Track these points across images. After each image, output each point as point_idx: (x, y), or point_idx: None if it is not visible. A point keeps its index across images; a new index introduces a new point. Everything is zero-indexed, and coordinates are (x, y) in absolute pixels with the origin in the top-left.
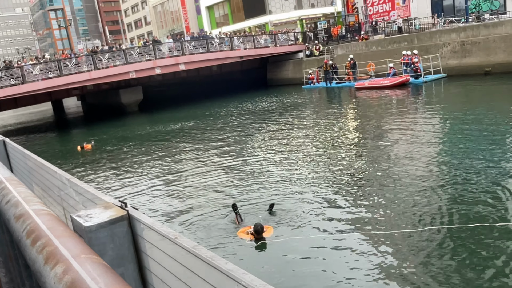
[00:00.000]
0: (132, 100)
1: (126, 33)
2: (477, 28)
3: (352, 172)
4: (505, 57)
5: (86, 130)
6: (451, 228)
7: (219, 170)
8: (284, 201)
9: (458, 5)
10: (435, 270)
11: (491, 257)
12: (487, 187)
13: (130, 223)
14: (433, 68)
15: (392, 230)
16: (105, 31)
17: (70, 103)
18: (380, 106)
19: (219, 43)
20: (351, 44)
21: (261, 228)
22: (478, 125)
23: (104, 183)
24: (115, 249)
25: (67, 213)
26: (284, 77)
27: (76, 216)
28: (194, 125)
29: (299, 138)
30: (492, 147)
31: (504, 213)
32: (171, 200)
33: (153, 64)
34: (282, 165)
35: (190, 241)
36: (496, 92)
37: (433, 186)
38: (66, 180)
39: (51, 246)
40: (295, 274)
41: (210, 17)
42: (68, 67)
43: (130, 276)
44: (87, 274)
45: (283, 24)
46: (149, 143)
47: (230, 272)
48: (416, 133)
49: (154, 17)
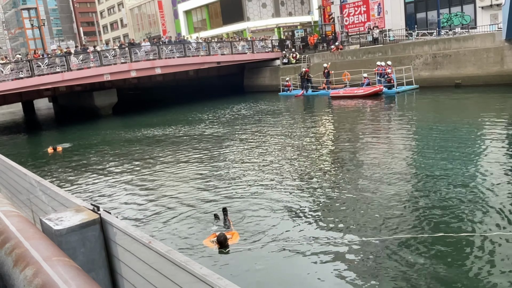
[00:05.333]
0: (106, 103)
1: (102, 35)
2: (449, 41)
3: (323, 180)
4: (475, 70)
5: (57, 133)
6: (416, 237)
7: (193, 175)
8: (253, 206)
9: (430, 18)
10: (400, 278)
11: (455, 265)
12: (455, 197)
13: (102, 227)
14: (406, 79)
15: (360, 237)
16: (80, 32)
17: (41, 105)
18: (354, 115)
19: (196, 48)
20: (327, 53)
21: (224, 239)
22: (448, 135)
23: (76, 186)
24: (86, 254)
25: (36, 217)
26: (261, 83)
27: (46, 219)
28: (169, 130)
29: (273, 145)
30: (461, 157)
31: (469, 224)
32: (144, 205)
33: (128, 67)
34: (255, 171)
35: (164, 246)
36: (466, 104)
37: (401, 195)
38: (35, 183)
39: (21, 248)
40: (260, 281)
41: (188, 22)
42: (40, 67)
43: (101, 282)
44: (58, 277)
45: (261, 31)
46: (123, 147)
47: (204, 277)
48: (387, 142)
49: (130, 19)
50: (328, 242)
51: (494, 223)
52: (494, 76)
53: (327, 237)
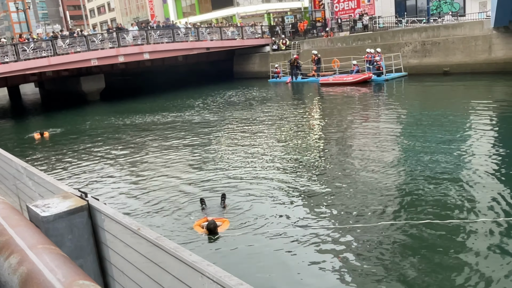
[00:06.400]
0: (94, 88)
1: (88, 19)
2: (438, 29)
3: (312, 167)
4: (463, 58)
5: (44, 118)
6: (403, 223)
7: (182, 162)
8: (243, 193)
9: (420, 5)
10: (389, 263)
11: (442, 251)
12: (441, 184)
13: (91, 213)
14: (395, 67)
15: (349, 224)
16: (66, 16)
17: (27, 89)
18: (343, 102)
19: (185, 33)
20: (317, 40)
21: (213, 226)
22: (435, 122)
23: (64, 172)
24: (74, 240)
25: (22, 203)
26: (250, 70)
27: (32, 206)
28: (158, 116)
29: (261, 132)
30: (448, 144)
31: (456, 210)
32: (133, 191)
33: (116, 52)
34: (244, 158)
35: (153, 232)
36: (453, 91)
37: (388, 183)
38: (22, 169)
39: (5, 235)
40: (250, 267)
41: (177, 7)
42: (26, 52)
43: (89, 268)
44: (44, 265)
45: (251, 17)
46: (111, 133)
47: (194, 264)
48: (375, 129)
49: (118, 3)
50: (317, 228)
51: (479, 209)
52: (482, 64)
53: (316, 224)
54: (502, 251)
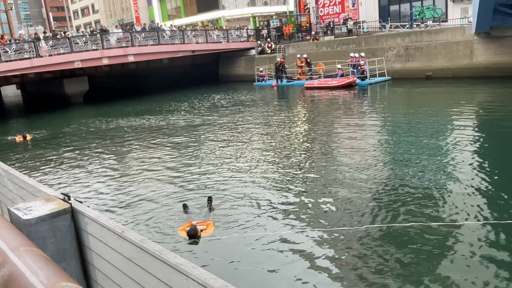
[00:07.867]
0: (77, 90)
1: (72, 21)
2: (420, 34)
3: (296, 171)
4: (445, 63)
5: (26, 121)
6: (386, 226)
7: (167, 165)
8: (229, 196)
9: (403, 10)
10: (373, 267)
11: (425, 254)
12: (424, 187)
13: (74, 216)
14: (379, 71)
15: (332, 227)
16: (49, 17)
17: (8, 92)
18: (328, 106)
19: (170, 36)
20: (302, 44)
21: (193, 233)
22: (418, 126)
23: (46, 175)
24: (57, 244)
25: (4, 207)
26: (236, 73)
27: (14, 209)
28: (142, 120)
29: (247, 135)
30: (430, 147)
31: (438, 213)
32: (117, 194)
33: (100, 54)
34: (229, 162)
35: (137, 235)
36: (436, 95)
37: (372, 185)
38: (3, 171)
39: None
40: (235, 270)
41: (162, 9)
42: (8, 53)
43: (72, 272)
44: (26, 267)
45: (236, 20)
46: (95, 136)
47: (179, 266)
48: (359, 133)
49: (102, 5)
50: (303, 231)
51: (461, 212)
52: (464, 69)
53: (301, 227)
54: (488, 253)
